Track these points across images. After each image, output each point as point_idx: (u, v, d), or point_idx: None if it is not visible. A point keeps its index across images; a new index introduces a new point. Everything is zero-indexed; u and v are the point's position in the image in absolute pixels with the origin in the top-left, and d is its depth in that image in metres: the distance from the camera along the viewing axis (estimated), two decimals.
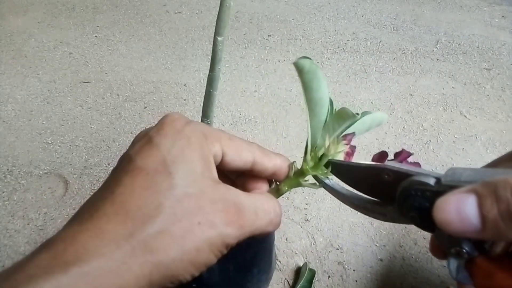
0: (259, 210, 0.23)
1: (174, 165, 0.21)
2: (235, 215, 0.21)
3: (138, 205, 0.19)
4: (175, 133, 0.22)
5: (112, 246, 0.18)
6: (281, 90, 0.87)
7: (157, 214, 0.19)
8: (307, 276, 0.51)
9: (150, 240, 0.19)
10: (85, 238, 0.18)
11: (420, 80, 0.90)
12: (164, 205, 0.20)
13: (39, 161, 0.69)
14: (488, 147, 0.72)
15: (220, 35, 0.34)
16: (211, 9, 1.21)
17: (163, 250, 0.19)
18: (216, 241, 0.20)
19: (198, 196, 0.21)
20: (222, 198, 0.21)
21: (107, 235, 0.18)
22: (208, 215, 0.20)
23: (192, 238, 0.20)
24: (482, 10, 1.21)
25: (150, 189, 0.20)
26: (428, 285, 0.52)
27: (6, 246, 0.56)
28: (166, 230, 0.19)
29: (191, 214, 0.20)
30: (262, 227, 0.23)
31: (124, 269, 0.18)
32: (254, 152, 0.25)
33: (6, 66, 0.94)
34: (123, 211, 0.19)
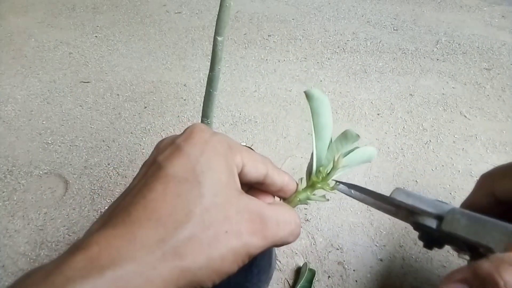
0: (281, 221, 0.23)
1: (203, 174, 0.22)
2: (260, 225, 0.22)
3: (169, 212, 0.20)
4: (203, 143, 0.23)
5: (144, 251, 0.19)
6: (281, 90, 0.87)
7: (187, 221, 0.20)
8: (307, 276, 0.51)
9: (180, 245, 0.19)
10: (119, 243, 0.19)
11: (420, 80, 0.90)
12: (193, 212, 0.20)
13: (39, 161, 0.69)
14: (488, 147, 0.72)
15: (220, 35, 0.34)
16: (211, 9, 1.21)
17: (191, 257, 0.19)
18: (240, 251, 0.21)
19: (225, 205, 0.21)
20: (247, 209, 0.22)
21: (140, 240, 0.19)
22: (234, 224, 0.21)
23: (218, 247, 0.20)
24: (482, 10, 1.21)
25: (180, 196, 0.21)
26: (428, 285, 0.52)
27: (6, 246, 0.56)
28: (195, 237, 0.20)
29: (218, 222, 0.21)
30: (284, 237, 0.24)
31: (154, 273, 0.19)
32: (267, 166, 0.26)
33: (6, 66, 0.94)
34: (155, 217, 0.20)
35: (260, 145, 0.72)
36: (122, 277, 0.18)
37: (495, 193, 0.33)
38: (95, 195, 0.63)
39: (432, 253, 0.55)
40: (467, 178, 0.67)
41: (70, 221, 0.59)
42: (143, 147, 0.72)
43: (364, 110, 0.81)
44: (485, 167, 0.68)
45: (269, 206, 0.24)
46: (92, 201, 0.62)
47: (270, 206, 0.24)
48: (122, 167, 0.68)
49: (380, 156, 0.70)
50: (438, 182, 0.66)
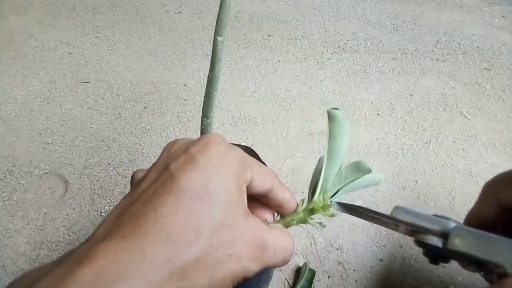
0: (278, 248, 0.24)
1: (215, 193, 0.22)
2: (259, 252, 0.23)
3: (179, 230, 0.20)
4: (219, 158, 0.22)
5: (152, 269, 0.19)
6: (281, 90, 0.87)
7: (196, 242, 0.20)
8: (307, 276, 0.51)
9: (187, 267, 0.20)
10: (128, 258, 0.19)
11: (420, 80, 0.90)
12: (203, 233, 0.20)
13: (39, 161, 0.69)
14: (488, 147, 0.72)
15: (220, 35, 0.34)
16: (211, 9, 1.21)
17: (196, 278, 0.20)
18: (238, 274, 0.21)
19: (232, 227, 0.22)
20: (251, 233, 0.23)
21: (148, 257, 0.19)
22: (237, 248, 0.21)
23: (221, 270, 0.21)
24: (482, 10, 1.21)
25: (191, 215, 0.21)
26: (428, 285, 0.52)
27: (6, 246, 0.56)
28: (202, 259, 0.20)
29: (224, 246, 0.21)
30: (276, 263, 0.24)
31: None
32: (274, 181, 0.26)
33: (6, 66, 0.94)
34: (165, 234, 0.20)
35: (260, 145, 0.72)
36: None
37: (501, 202, 0.33)
38: (95, 195, 0.63)
39: None
40: (467, 178, 0.67)
41: (70, 221, 0.59)
42: (143, 147, 0.72)
43: (364, 110, 0.81)
44: (485, 167, 0.68)
45: (270, 231, 0.24)
46: (92, 201, 0.62)
47: (271, 232, 0.24)
48: (122, 167, 0.68)
49: (380, 156, 0.70)
50: (438, 182, 0.66)
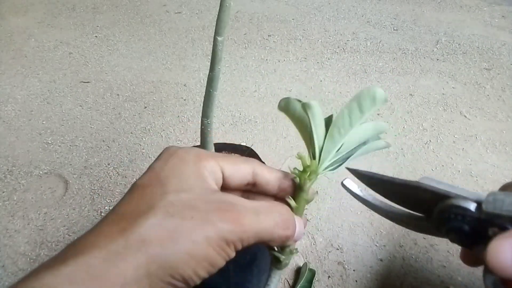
0: (261, 211, 0.23)
1: (167, 178, 0.22)
2: (232, 213, 0.22)
3: (132, 209, 0.21)
4: (169, 156, 0.24)
5: (107, 240, 0.19)
6: (281, 90, 0.86)
7: (149, 211, 0.21)
8: (307, 276, 0.51)
9: (143, 233, 0.20)
10: (83, 239, 0.20)
11: (420, 80, 0.90)
12: (156, 205, 0.21)
13: (39, 161, 0.69)
14: (488, 147, 0.72)
15: (220, 35, 0.34)
16: (211, 9, 1.21)
17: (156, 242, 0.20)
18: (212, 235, 0.20)
19: (191, 198, 0.22)
20: (217, 200, 0.22)
21: (103, 233, 0.20)
22: (201, 212, 0.21)
23: (185, 231, 0.20)
24: (482, 10, 1.21)
25: (144, 197, 0.22)
26: (428, 285, 0.52)
27: (6, 246, 0.56)
28: (158, 224, 0.20)
29: (183, 211, 0.21)
30: (269, 229, 0.23)
31: (119, 258, 0.19)
32: (252, 164, 0.26)
33: (6, 66, 0.94)
34: (118, 215, 0.21)
35: (260, 145, 0.72)
36: (85, 262, 0.18)
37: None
38: (95, 195, 0.63)
39: (432, 253, 0.55)
40: (467, 178, 0.67)
41: (70, 221, 0.59)
42: (143, 147, 0.72)
43: None
44: (485, 167, 0.68)
45: (247, 199, 0.24)
46: (92, 201, 0.62)
47: (250, 201, 0.24)
48: (122, 167, 0.68)
49: (380, 156, 0.70)
50: None
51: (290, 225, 0.24)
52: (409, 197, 0.25)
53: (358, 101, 0.26)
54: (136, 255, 0.19)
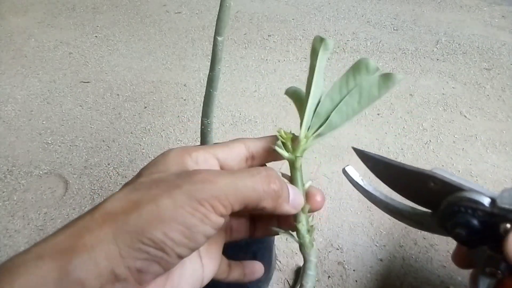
0: (238, 172, 0.22)
1: (144, 169, 0.22)
2: (202, 174, 0.21)
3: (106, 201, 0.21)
4: (153, 159, 0.24)
5: (78, 220, 0.20)
6: (281, 90, 0.87)
7: (118, 192, 0.21)
8: None
9: (108, 206, 0.20)
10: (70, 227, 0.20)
11: (420, 80, 0.90)
12: (125, 186, 0.21)
13: (39, 161, 0.69)
14: (488, 147, 0.72)
15: (220, 35, 0.34)
16: (211, 9, 1.21)
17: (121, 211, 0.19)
18: (179, 196, 0.19)
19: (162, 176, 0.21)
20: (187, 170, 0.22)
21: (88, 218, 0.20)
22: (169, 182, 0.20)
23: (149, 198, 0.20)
24: (482, 10, 1.21)
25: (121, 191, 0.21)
26: (428, 285, 0.52)
27: (6, 246, 0.56)
28: (123, 197, 0.20)
29: (150, 184, 0.21)
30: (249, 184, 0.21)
31: (85, 231, 0.19)
32: (241, 140, 0.25)
33: (6, 66, 0.94)
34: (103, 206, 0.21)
35: None
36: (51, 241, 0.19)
37: None
38: (95, 195, 0.63)
39: (432, 253, 0.55)
40: (467, 178, 0.66)
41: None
42: (143, 147, 0.72)
43: (364, 110, 0.81)
44: (485, 167, 0.68)
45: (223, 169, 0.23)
46: (92, 201, 0.62)
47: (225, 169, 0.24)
48: (122, 167, 0.68)
49: None
50: None
51: (276, 180, 0.22)
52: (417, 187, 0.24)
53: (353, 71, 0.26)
54: (102, 225, 0.19)
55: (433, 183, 0.23)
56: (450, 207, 0.23)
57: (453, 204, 0.23)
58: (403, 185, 0.25)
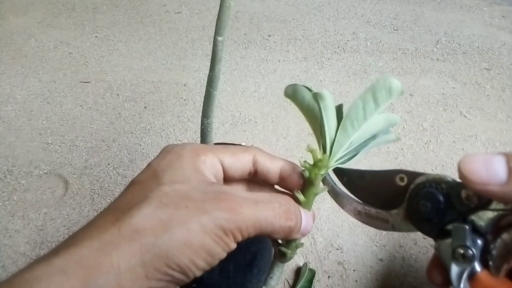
0: (260, 200, 0.22)
1: (163, 172, 0.22)
2: (228, 201, 0.21)
3: (126, 202, 0.21)
4: (165, 153, 0.24)
5: (100, 230, 0.19)
6: (281, 90, 0.86)
7: (142, 202, 0.20)
8: (307, 276, 0.51)
9: (136, 222, 0.19)
10: (78, 231, 0.20)
11: (420, 80, 0.90)
12: (150, 196, 0.21)
13: (39, 161, 0.69)
14: (488, 147, 0.72)
15: (220, 35, 0.34)
16: (211, 9, 1.20)
17: (150, 230, 0.19)
18: (208, 223, 0.20)
19: (187, 189, 0.21)
20: (214, 190, 0.22)
21: (97, 224, 0.20)
22: (197, 202, 0.21)
23: (179, 220, 0.20)
24: (482, 10, 1.21)
25: (139, 190, 0.21)
26: (428, 285, 0.52)
27: (6, 246, 0.56)
28: (151, 213, 0.20)
29: (178, 200, 0.21)
30: (268, 218, 0.22)
31: (112, 247, 0.18)
32: (252, 152, 0.25)
33: (6, 66, 0.94)
34: (112, 208, 0.21)
35: (260, 145, 0.72)
36: (77, 253, 0.18)
37: None
38: (95, 195, 0.63)
39: (432, 253, 0.55)
40: None
41: (70, 221, 0.59)
42: (143, 147, 0.72)
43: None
44: None
45: (247, 191, 0.24)
46: (92, 201, 0.62)
47: (248, 192, 0.24)
48: (122, 167, 0.68)
49: (380, 156, 0.70)
50: None
51: (292, 216, 0.24)
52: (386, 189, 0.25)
53: (373, 92, 0.25)
54: (129, 244, 0.19)
55: (400, 179, 0.25)
56: (415, 188, 0.24)
57: (419, 184, 0.24)
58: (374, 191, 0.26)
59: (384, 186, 0.25)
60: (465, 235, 0.22)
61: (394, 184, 0.25)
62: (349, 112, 0.25)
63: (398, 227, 0.26)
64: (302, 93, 0.26)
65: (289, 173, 0.26)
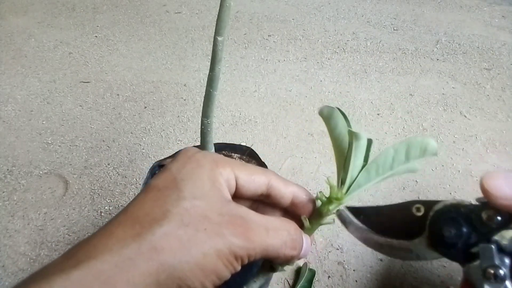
0: (270, 228, 0.23)
1: (183, 181, 0.22)
2: (242, 227, 0.22)
3: (146, 212, 0.21)
4: (186, 159, 0.24)
5: (120, 244, 0.19)
6: (281, 90, 0.87)
7: (164, 218, 0.20)
8: (307, 276, 0.51)
9: (156, 240, 0.20)
10: (96, 240, 0.20)
11: (420, 80, 0.90)
12: (171, 212, 0.21)
13: (39, 161, 0.69)
14: (488, 147, 0.72)
15: (220, 35, 0.34)
16: (211, 9, 1.20)
17: (169, 251, 0.20)
18: (222, 249, 0.21)
19: (206, 208, 0.22)
20: (230, 212, 0.22)
21: (116, 235, 0.20)
22: (214, 224, 0.21)
23: (197, 242, 0.20)
24: (482, 10, 1.21)
25: (159, 200, 0.21)
26: (428, 285, 0.52)
27: (6, 246, 0.56)
28: (172, 233, 0.20)
29: (197, 221, 0.21)
30: (276, 246, 0.23)
31: (130, 264, 0.19)
32: (268, 176, 0.26)
33: (6, 66, 0.94)
34: (132, 217, 0.21)
35: (260, 145, 0.72)
36: (96, 267, 0.18)
37: None
38: (95, 195, 0.63)
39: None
40: (467, 178, 0.67)
41: (70, 221, 0.59)
42: (143, 147, 0.72)
43: (364, 110, 0.81)
44: (485, 167, 0.68)
45: (259, 214, 0.24)
46: (92, 201, 0.62)
47: (260, 215, 0.24)
48: (122, 167, 0.68)
49: None
50: (438, 182, 0.66)
51: (297, 246, 0.25)
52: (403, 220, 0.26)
53: (408, 147, 0.25)
54: (147, 262, 0.19)
55: (416, 209, 0.26)
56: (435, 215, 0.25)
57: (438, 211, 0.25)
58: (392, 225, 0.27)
59: (402, 218, 0.26)
60: (492, 255, 0.22)
61: (411, 215, 0.26)
62: (378, 157, 0.26)
63: (422, 256, 0.26)
64: (337, 119, 0.26)
65: (301, 200, 0.27)
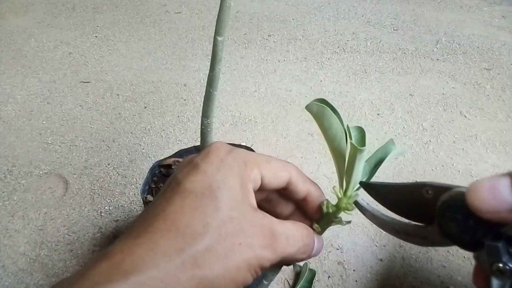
0: (290, 237, 0.25)
1: (219, 190, 0.23)
2: (270, 239, 0.23)
3: (187, 223, 0.22)
4: (219, 161, 0.24)
5: (165, 259, 0.20)
6: (281, 90, 0.87)
7: (205, 233, 0.21)
8: (307, 276, 0.51)
9: (198, 256, 0.21)
10: (141, 251, 0.20)
11: (420, 80, 0.90)
12: (210, 225, 0.22)
13: (39, 161, 0.69)
14: (488, 147, 0.72)
15: (220, 35, 0.34)
16: (211, 9, 1.21)
17: (209, 266, 0.21)
18: (253, 262, 0.22)
19: (240, 219, 0.23)
20: (260, 224, 0.23)
21: (160, 248, 0.20)
22: (247, 237, 0.22)
23: (233, 257, 0.21)
24: (482, 10, 1.21)
25: (198, 209, 0.22)
26: (428, 285, 0.52)
27: (6, 246, 0.56)
28: (212, 248, 0.21)
29: (233, 235, 0.22)
30: (293, 254, 0.25)
31: (175, 280, 0.20)
32: (290, 172, 0.27)
33: (6, 66, 0.94)
34: (174, 228, 0.21)
35: (260, 145, 0.72)
36: (144, 283, 0.19)
37: None
38: (95, 195, 0.63)
39: (432, 253, 0.55)
40: (467, 178, 0.67)
41: (70, 221, 0.59)
42: (143, 147, 0.72)
43: (364, 110, 0.81)
44: (485, 167, 0.68)
45: (280, 222, 0.25)
46: (92, 201, 0.62)
47: (281, 222, 0.25)
48: (122, 167, 0.68)
49: None
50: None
51: (308, 250, 0.27)
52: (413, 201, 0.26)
53: None
54: (189, 278, 0.20)
55: (426, 192, 0.26)
56: (441, 206, 0.24)
57: (444, 202, 0.24)
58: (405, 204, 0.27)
59: (413, 199, 0.26)
60: (498, 252, 0.22)
61: (422, 197, 0.26)
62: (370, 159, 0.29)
63: (438, 243, 0.26)
64: (330, 120, 0.27)
65: (313, 200, 0.29)
